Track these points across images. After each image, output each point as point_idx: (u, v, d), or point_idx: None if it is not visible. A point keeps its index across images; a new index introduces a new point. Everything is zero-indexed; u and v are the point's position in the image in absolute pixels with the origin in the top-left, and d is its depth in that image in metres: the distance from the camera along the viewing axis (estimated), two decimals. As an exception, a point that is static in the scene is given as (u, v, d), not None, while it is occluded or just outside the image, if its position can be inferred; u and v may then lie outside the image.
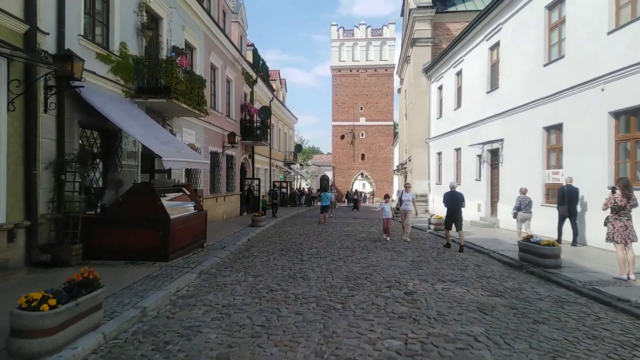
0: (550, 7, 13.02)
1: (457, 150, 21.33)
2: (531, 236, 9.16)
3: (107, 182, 9.20)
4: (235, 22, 22.10)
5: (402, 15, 41.64)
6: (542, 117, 13.12)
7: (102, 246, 7.99)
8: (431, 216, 15.57)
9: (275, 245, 11.61)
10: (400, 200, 13.82)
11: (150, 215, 8.01)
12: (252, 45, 25.77)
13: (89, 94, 8.39)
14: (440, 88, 24.50)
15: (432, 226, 15.25)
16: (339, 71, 59.88)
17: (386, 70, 59.52)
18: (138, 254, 7.97)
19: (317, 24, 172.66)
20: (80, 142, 8.78)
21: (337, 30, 60.46)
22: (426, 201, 26.36)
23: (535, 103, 13.47)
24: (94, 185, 9.17)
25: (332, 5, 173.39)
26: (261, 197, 29.61)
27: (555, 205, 11.83)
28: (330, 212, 21.43)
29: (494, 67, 17.13)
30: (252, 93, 24.43)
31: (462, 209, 11.44)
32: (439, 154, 24.50)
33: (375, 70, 59.40)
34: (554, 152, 12.88)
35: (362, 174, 61.63)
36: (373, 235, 13.92)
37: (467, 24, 25.18)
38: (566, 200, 11.19)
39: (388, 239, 12.79)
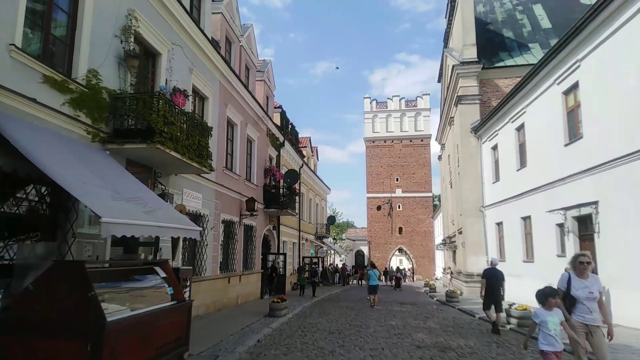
0: (659, 25, 9.90)
1: (526, 218, 17.42)
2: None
3: (25, 259, 6.07)
4: (261, 80, 20.14)
5: (439, 81, 39.85)
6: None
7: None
8: (512, 305, 11.46)
9: (294, 354, 7.91)
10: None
11: (74, 316, 4.74)
12: (280, 107, 23.71)
13: (11, 127, 5.60)
14: (494, 148, 21.15)
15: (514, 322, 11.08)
16: (373, 142, 58.04)
17: (422, 140, 57.25)
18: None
19: (350, 104, 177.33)
20: None
21: (371, 103, 59.60)
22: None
23: (652, 149, 9.86)
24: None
25: (364, 86, 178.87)
26: (301, 273, 26.08)
27: None
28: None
29: (571, 114, 13.79)
30: (278, 157, 21.85)
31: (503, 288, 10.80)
32: (499, 224, 20.53)
33: (411, 141, 57.22)
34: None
35: (400, 249, 57.04)
36: (437, 337, 9.93)
37: (518, 79, 22.48)
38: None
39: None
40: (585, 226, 13.05)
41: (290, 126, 25.26)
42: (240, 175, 15.69)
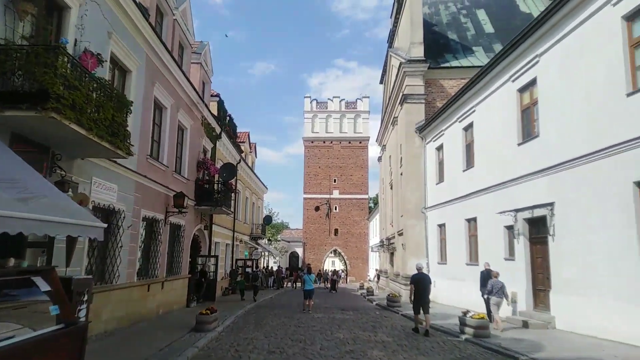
0: (628, 18, 9.45)
1: (471, 220, 16.95)
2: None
3: None
4: (197, 63, 18.04)
5: (381, 82, 39.61)
6: (635, 165, 8.94)
7: None
8: (466, 314, 10.56)
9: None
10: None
11: None
12: (218, 96, 21.65)
13: None
14: (439, 148, 20.69)
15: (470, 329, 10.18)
16: (312, 142, 57.03)
17: (360, 142, 57.20)
18: None
19: (288, 106, 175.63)
20: None
21: (311, 102, 58.56)
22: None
23: (617, 148, 9.36)
24: None
25: (302, 89, 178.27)
26: (234, 277, 24.14)
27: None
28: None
29: (527, 112, 13.34)
30: (214, 150, 19.84)
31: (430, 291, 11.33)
32: (441, 226, 20.05)
33: (350, 142, 56.96)
34: (662, 219, 8.55)
35: (334, 251, 56.44)
36: (396, 354, 8.69)
37: (463, 81, 22.30)
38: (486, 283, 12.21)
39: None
40: (537, 229, 12.61)
41: (228, 118, 23.24)
42: (168, 167, 13.62)
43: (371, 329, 11.59)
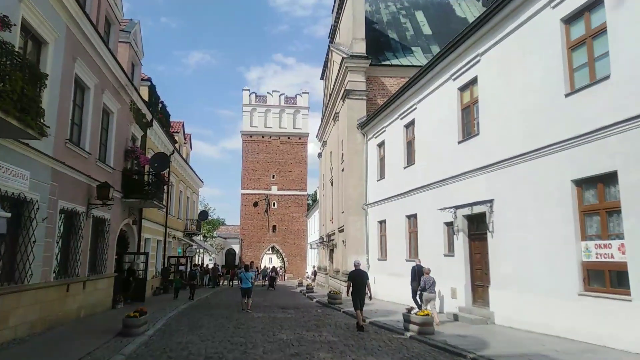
0: (567, 21, 9.72)
1: (411, 217, 17.08)
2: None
3: None
4: (126, 42, 16.56)
5: (322, 77, 39.44)
6: (571, 164, 9.21)
7: None
8: (410, 311, 10.42)
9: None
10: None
11: None
12: (149, 80, 20.14)
13: None
14: (380, 145, 20.74)
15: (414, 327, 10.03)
16: (250, 137, 55.86)
17: (300, 138, 56.86)
18: None
19: (224, 99, 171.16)
20: None
21: (250, 95, 57.31)
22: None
23: (555, 147, 9.61)
24: None
25: (240, 83, 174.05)
26: (167, 275, 22.71)
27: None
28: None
29: (467, 111, 13.55)
30: (144, 138, 18.40)
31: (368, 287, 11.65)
32: (382, 222, 20.12)
33: (289, 138, 56.44)
34: (595, 215, 8.86)
35: (272, 248, 55.73)
36: (344, 356, 8.26)
37: (403, 79, 22.59)
38: (417, 277, 13.28)
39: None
40: (476, 225, 12.83)
41: (160, 105, 21.74)
42: (90, 154, 12.27)
43: (315, 328, 11.13)
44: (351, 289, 11.43)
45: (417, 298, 13.17)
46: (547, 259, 9.80)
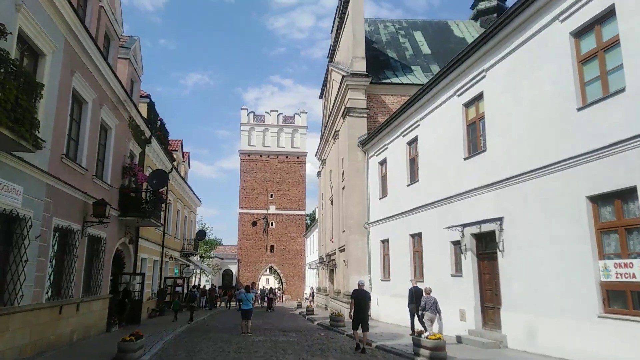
0: (576, 35, 9.56)
1: (415, 236, 16.66)
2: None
3: None
4: (125, 58, 16.38)
5: (321, 97, 39.51)
6: (586, 180, 8.89)
7: None
8: (421, 334, 9.91)
9: None
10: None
11: None
12: (148, 97, 19.93)
13: None
14: (382, 162, 20.46)
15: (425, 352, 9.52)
16: (248, 155, 55.55)
17: (298, 157, 56.64)
18: None
19: (221, 119, 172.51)
20: None
21: (248, 115, 57.22)
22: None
23: (568, 162, 9.29)
24: None
25: (237, 103, 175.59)
26: (163, 297, 22.07)
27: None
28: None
29: (473, 127, 13.31)
30: (142, 155, 18.06)
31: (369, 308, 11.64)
32: (384, 241, 19.68)
33: (287, 157, 56.19)
34: (613, 233, 8.49)
35: (270, 268, 54.84)
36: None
37: (404, 97, 22.52)
38: (414, 299, 13.36)
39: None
40: (485, 244, 12.44)
41: (159, 122, 21.48)
42: (87, 170, 11.89)
43: (320, 352, 10.59)
44: (353, 308, 11.18)
45: (417, 319, 13.17)
46: (562, 279, 9.39)
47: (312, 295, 36.22)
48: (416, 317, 13.52)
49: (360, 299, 11.25)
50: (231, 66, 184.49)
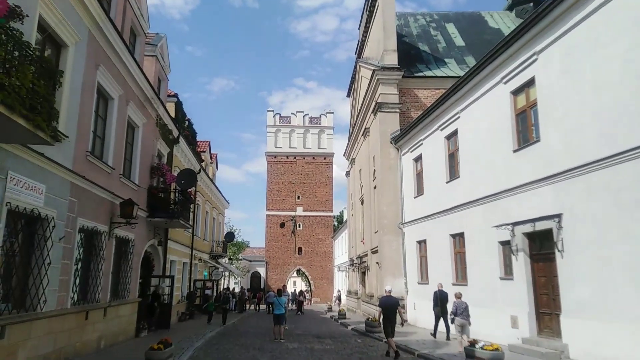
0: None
1: (457, 236, 15.59)
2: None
3: None
4: (152, 56, 15.96)
5: (348, 95, 38.66)
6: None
7: None
8: (474, 344, 8.92)
9: None
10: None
11: None
12: (176, 96, 19.54)
13: None
14: (417, 159, 19.43)
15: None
16: (275, 157, 55.13)
17: (325, 158, 55.88)
18: None
19: (247, 123, 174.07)
20: None
21: (274, 117, 56.85)
22: (403, 306, 19.74)
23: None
24: None
25: (262, 107, 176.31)
26: (193, 300, 21.67)
27: None
28: (285, 324, 14.13)
29: (523, 116, 12.19)
30: (170, 155, 17.63)
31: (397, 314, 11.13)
32: (421, 242, 18.64)
33: (314, 158, 55.50)
34: None
35: (298, 271, 54.20)
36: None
37: (438, 91, 21.47)
38: (439, 302, 13.78)
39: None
40: (540, 244, 11.31)
41: (187, 122, 21.09)
42: (114, 169, 11.41)
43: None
44: (382, 316, 11.19)
45: (445, 323, 13.60)
46: (636, 281, 8.26)
47: (339, 298, 35.24)
48: (441, 321, 13.88)
49: (389, 306, 11.15)
50: (256, 70, 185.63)
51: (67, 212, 8.94)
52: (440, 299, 13.98)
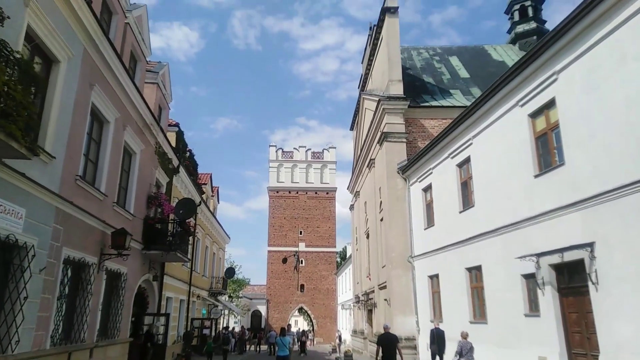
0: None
1: (473, 269, 14.57)
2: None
3: None
4: (153, 83, 15.51)
5: (351, 129, 38.42)
6: None
7: None
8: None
9: None
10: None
11: None
12: (177, 125, 19.00)
13: None
14: (426, 189, 18.64)
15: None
16: (277, 192, 54.45)
17: (327, 193, 55.17)
18: None
19: (249, 161, 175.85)
20: None
21: (276, 151, 56.60)
22: (415, 347, 18.41)
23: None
24: None
25: (264, 145, 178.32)
26: (189, 340, 20.29)
27: None
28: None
29: (543, 139, 11.46)
30: (170, 185, 16.88)
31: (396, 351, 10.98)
32: (433, 277, 17.54)
33: (316, 193, 54.80)
34: None
35: (300, 309, 52.26)
36: None
37: (444, 121, 20.99)
38: (436, 341, 13.85)
39: None
40: (569, 276, 10.32)
41: (188, 152, 20.48)
42: (107, 196, 10.61)
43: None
44: (380, 354, 11.18)
45: None
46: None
47: (340, 337, 33.10)
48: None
49: (387, 343, 11.20)
50: (259, 110, 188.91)
51: (50, 241, 8.07)
52: (436, 336, 14.04)
